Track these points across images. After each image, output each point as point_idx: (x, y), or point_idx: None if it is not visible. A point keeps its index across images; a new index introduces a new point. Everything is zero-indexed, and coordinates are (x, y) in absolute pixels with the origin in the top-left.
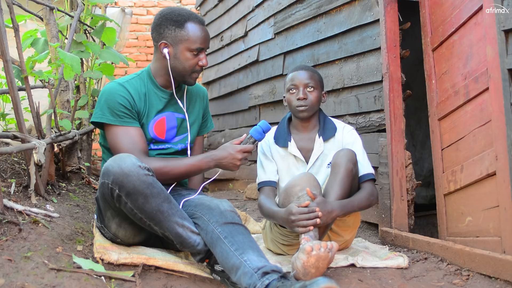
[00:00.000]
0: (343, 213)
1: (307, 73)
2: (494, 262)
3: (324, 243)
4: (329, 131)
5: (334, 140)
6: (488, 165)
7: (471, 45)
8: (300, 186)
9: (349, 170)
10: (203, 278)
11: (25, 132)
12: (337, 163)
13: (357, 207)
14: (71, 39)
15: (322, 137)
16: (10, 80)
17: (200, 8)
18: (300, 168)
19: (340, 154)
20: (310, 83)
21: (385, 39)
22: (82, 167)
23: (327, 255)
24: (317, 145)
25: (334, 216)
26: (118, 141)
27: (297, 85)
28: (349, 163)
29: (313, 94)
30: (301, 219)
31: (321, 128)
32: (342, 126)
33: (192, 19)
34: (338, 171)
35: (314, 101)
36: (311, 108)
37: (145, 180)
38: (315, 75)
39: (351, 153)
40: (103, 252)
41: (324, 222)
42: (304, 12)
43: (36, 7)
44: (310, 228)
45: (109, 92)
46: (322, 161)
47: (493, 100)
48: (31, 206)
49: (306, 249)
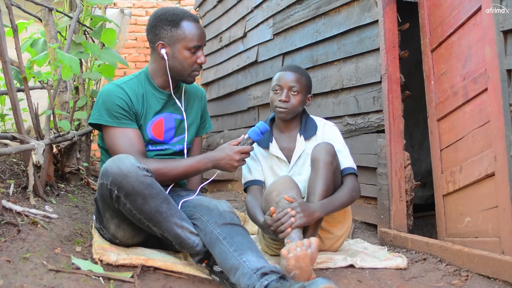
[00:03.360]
0: (326, 212)
1: (294, 75)
2: (493, 262)
3: (300, 242)
4: (310, 130)
5: (315, 138)
6: (487, 166)
7: (470, 46)
8: (276, 191)
9: (328, 163)
10: (202, 279)
11: (24, 133)
12: (315, 158)
13: (339, 205)
14: (70, 40)
15: (303, 136)
16: (9, 81)
17: (199, 9)
18: (282, 168)
19: (317, 149)
20: (295, 86)
21: (384, 40)
22: (81, 168)
23: (306, 253)
24: (299, 144)
25: (316, 217)
26: (116, 143)
27: (282, 86)
28: (327, 156)
29: (296, 97)
30: (278, 225)
31: (302, 127)
32: (323, 123)
33: (187, 17)
34: (318, 166)
35: (296, 105)
36: (291, 111)
37: (144, 181)
38: (302, 78)
39: (329, 146)
40: (102, 253)
41: (306, 222)
42: (303, 13)
43: (35, 8)
44: (288, 230)
45: (107, 94)
46: (304, 159)
47: (492, 101)
48: (30, 207)
49: (283, 253)
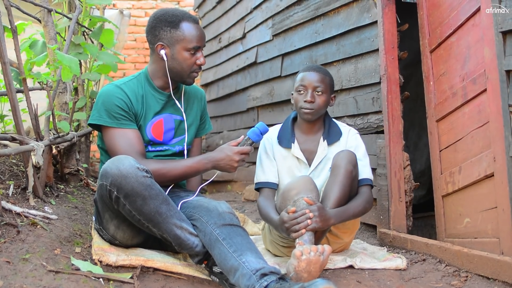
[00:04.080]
0: (339, 221)
1: (318, 75)
2: (492, 263)
3: (314, 247)
4: (334, 135)
5: (338, 144)
6: (486, 167)
7: (469, 47)
8: (296, 190)
9: (349, 171)
10: (201, 279)
11: (23, 134)
12: (337, 165)
13: (352, 215)
14: (69, 41)
15: (326, 140)
16: (8, 82)
17: (198, 10)
18: (302, 170)
19: (340, 156)
20: (320, 86)
21: (383, 41)
22: (80, 169)
23: (318, 258)
24: (321, 149)
25: (330, 224)
26: (115, 143)
27: (306, 86)
28: (349, 164)
29: (321, 98)
30: (293, 224)
31: (326, 131)
32: (348, 129)
33: (186, 18)
34: (338, 172)
35: (321, 105)
36: (317, 112)
37: (144, 182)
38: (326, 78)
39: (351, 155)
40: (101, 254)
41: (320, 227)
42: (302, 14)
43: (34, 9)
44: (302, 231)
45: (106, 94)
46: (324, 164)
47: (491, 102)
48: (29, 208)
49: (296, 254)
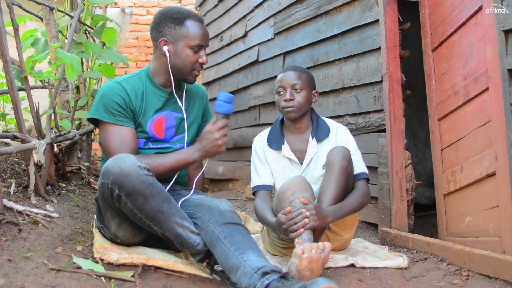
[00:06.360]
0: (337, 217)
1: (294, 73)
2: (494, 262)
3: (315, 244)
4: (322, 132)
5: (328, 141)
6: (488, 165)
7: (471, 45)
8: (291, 190)
9: (344, 167)
10: (203, 278)
11: (25, 132)
12: (331, 161)
13: (350, 210)
14: (71, 39)
15: (315, 138)
16: (10, 80)
17: (200, 8)
18: (294, 170)
19: (333, 152)
20: (297, 84)
21: (385, 39)
22: (82, 167)
23: (319, 256)
24: (311, 146)
25: (328, 221)
26: (108, 138)
27: (284, 86)
28: (343, 160)
29: (301, 94)
30: (291, 224)
31: (314, 129)
32: (336, 126)
33: (191, 16)
34: (333, 169)
35: (302, 102)
36: (299, 109)
37: (145, 180)
38: (303, 75)
39: (345, 151)
40: (103, 252)
41: (318, 225)
42: (304, 12)
43: (36, 7)
44: (300, 230)
45: (106, 90)
46: (316, 162)
47: (493, 100)
48: (31, 206)
49: (297, 252)
